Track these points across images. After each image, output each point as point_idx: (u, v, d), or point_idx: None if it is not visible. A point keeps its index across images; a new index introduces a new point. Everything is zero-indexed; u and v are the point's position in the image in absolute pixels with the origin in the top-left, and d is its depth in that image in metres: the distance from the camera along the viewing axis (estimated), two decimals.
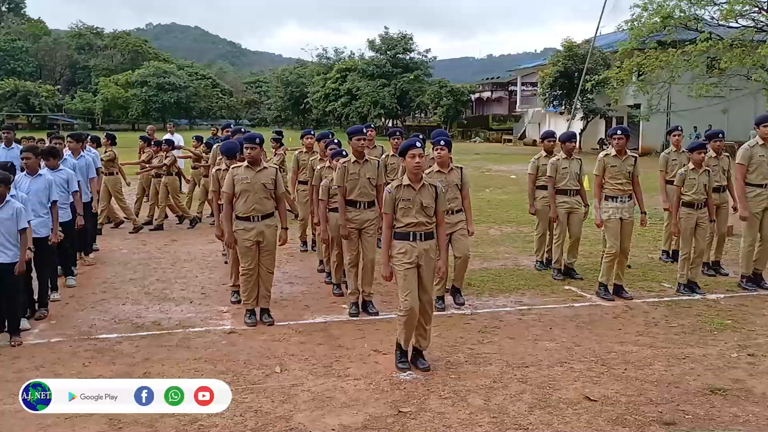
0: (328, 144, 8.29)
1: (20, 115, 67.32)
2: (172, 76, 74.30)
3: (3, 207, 6.07)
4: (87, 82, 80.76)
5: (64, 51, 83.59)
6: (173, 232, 11.97)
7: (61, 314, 7.01)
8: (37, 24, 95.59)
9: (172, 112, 74.02)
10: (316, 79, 70.22)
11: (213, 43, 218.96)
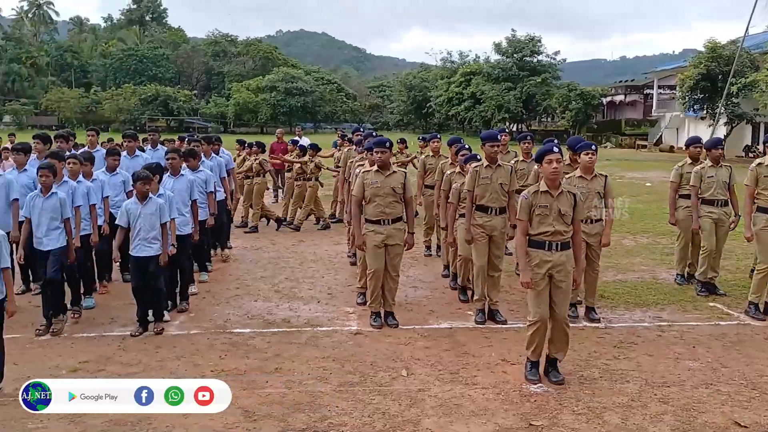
0: (459, 149, 8.29)
1: (160, 118, 72.55)
2: (300, 81, 77.31)
3: (147, 203, 6.56)
4: (221, 87, 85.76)
5: (200, 58, 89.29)
6: (299, 233, 12.41)
7: (198, 308, 7.47)
8: (177, 33, 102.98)
9: (299, 115, 76.97)
10: (440, 83, 70.43)
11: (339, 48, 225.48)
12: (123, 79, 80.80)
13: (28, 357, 5.84)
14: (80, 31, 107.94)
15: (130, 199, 6.63)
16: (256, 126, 76.96)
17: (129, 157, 9.38)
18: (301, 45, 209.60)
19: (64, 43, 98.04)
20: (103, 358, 5.82)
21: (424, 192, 9.93)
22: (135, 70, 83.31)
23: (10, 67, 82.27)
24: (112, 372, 5.51)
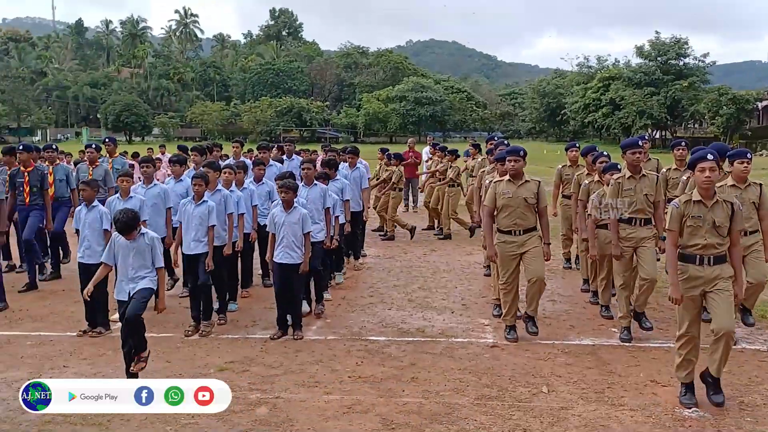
0: (596, 157, 7.99)
1: (293, 129, 75.88)
2: (429, 90, 78.04)
3: (291, 212, 6.85)
4: (351, 98, 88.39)
5: (333, 70, 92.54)
6: (431, 243, 12.47)
7: (334, 314, 7.70)
8: (312, 46, 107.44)
9: (428, 125, 77.70)
10: (576, 89, 68.45)
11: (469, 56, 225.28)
12: (260, 92, 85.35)
13: (180, 356, 6.26)
14: (222, 48, 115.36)
15: (276, 208, 6.96)
16: (386, 135, 78.48)
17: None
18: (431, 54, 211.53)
19: (207, 59, 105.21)
20: (247, 359, 6.14)
21: (560, 202, 9.66)
22: (272, 84, 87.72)
23: (159, 82, 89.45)
24: (255, 373, 5.79)
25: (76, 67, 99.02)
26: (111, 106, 77.80)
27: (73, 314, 7.59)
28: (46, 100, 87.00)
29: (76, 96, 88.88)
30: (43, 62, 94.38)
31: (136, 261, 5.43)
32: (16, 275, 9.48)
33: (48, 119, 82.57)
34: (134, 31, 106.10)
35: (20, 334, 6.94)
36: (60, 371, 5.86)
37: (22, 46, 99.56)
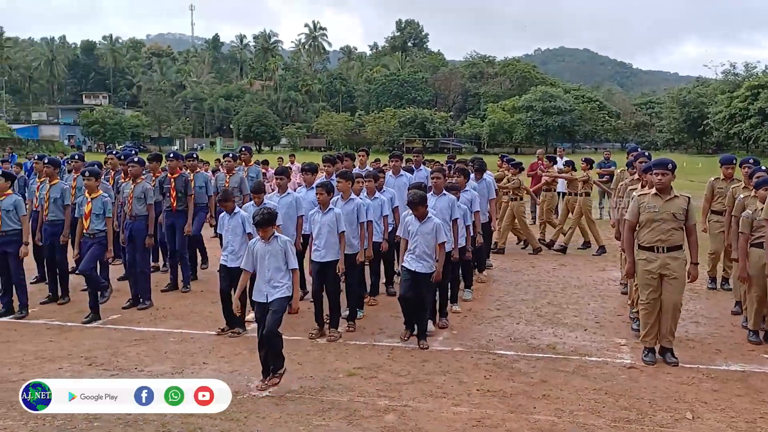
0: (754, 171, 7.51)
1: (416, 139, 76.53)
2: (558, 99, 76.20)
3: (425, 222, 6.93)
4: (476, 108, 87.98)
5: (458, 80, 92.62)
6: (560, 257, 12.17)
7: (461, 326, 7.70)
8: (437, 56, 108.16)
9: (556, 135, 75.85)
10: (720, 98, 64.30)
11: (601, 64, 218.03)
12: (385, 103, 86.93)
13: (310, 359, 6.50)
14: (349, 60, 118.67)
15: (411, 216, 7.08)
16: (510, 146, 77.37)
17: (394, 177, 10.01)
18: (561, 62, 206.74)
19: (334, 71, 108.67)
20: (374, 366, 6.27)
21: (709, 218, 9.13)
22: (396, 94, 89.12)
23: (288, 94, 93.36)
24: (383, 380, 5.90)
25: (212, 80, 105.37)
26: (243, 117, 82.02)
27: (211, 314, 8.08)
28: (184, 112, 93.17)
29: (211, 107, 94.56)
30: (182, 76, 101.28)
31: (272, 263, 5.69)
32: (160, 275, 10.20)
33: (186, 129, 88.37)
34: (266, 45, 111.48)
35: (164, 330, 7.48)
36: (200, 368, 6.25)
37: (163, 61, 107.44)
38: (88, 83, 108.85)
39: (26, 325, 7.63)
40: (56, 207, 8.62)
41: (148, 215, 8.55)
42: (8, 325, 7.64)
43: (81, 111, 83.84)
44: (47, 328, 7.57)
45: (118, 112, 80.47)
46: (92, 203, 7.90)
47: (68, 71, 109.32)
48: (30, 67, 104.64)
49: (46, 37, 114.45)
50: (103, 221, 7.92)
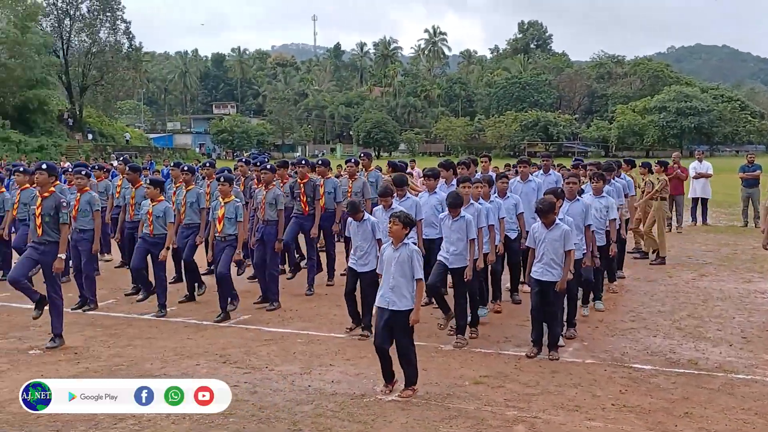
0: None
1: (538, 143, 74.96)
2: (694, 99, 72.17)
3: (553, 229, 6.77)
4: (603, 110, 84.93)
5: (583, 81, 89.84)
6: (700, 266, 11.48)
7: (591, 337, 7.44)
8: (561, 58, 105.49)
9: (691, 137, 71.88)
10: None
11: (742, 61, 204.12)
12: (505, 107, 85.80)
13: (434, 365, 6.51)
14: (468, 64, 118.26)
15: (537, 223, 6.95)
16: (641, 149, 74.10)
17: (522, 183, 9.84)
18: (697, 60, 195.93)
19: (453, 75, 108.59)
20: (501, 375, 6.19)
21: None
22: (517, 97, 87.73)
23: (407, 100, 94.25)
24: (511, 389, 5.81)
25: (333, 88, 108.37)
26: (362, 123, 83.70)
27: (335, 317, 8.29)
28: (306, 119, 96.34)
29: (332, 114, 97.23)
30: (305, 84, 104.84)
31: (397, 270, 5.72)
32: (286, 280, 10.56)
33: (307, 136, 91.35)
34: (386, 52, 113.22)
35: (291, 331, 7.75)
36: (327, 369, 6.42)
37: (287, 70, 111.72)
38: (217, 94, 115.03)
39: (166, 323, 8.15)
40: (192, 211, 9.17)
41: (278, 220, 8.92)
42: (150, 322, 8.19)
43: (211, 120, 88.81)
44: (185, 326, 8.04)
45: (244, 121, 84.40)
46: (225, 207, 8.31)
47: (200, 83, 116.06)
48: (166, 80, 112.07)
49: (180, 51, 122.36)
50: (235, 225, 8.31)
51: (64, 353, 6.88)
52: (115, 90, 66.70)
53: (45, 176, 7.35)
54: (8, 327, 7.90)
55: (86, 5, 62.23)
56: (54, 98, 58.01)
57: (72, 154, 45.40)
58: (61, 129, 57.72)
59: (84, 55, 61.66)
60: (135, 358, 6.73)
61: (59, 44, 60.72)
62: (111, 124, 69.03)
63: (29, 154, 43.10)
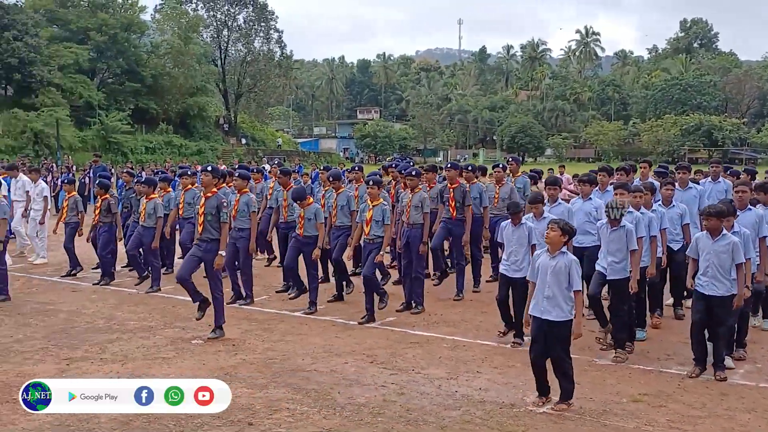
0: None
1: (701, 149, 70.47)
2: None
3: (718, 239, 6.35)
4: None
5: (754, 82, 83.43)
6: None
7: (765, 358, 6.91)
8: (728, 57, 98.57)
9: None
10: None
11: None
12: (663, 110, 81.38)
13: (587, 378, 6.30)
14: (623, 65, 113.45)
15: (702, 233, 6.56)
16: None
17: (681, 190, 9.31)
18: None
19: (606, 77, 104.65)
20: (662, 394, 5.88)
21: None
22: (677, 100, 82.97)
23: (555, 103, 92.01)
24: (674, 410, 5.51)
25: (477, 92, 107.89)
26: (507, 127, 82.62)
27: (481, 324, 8.25)
28: (448, 124, 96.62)
29: (475, 119, 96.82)
30: (448, 89, 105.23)
31: (553, 280, 5.57)
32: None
33: (449, 141, 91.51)
34: (533, 54, 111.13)
35: (437, 336, 7.80)
36: (474, 375, 6.40)
37: (431, 75, 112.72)
38: (362, 99, 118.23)
39: (315, 321, 8.47)
40: (342, 213, 9.47)
41: (423, 224, 9.02)
42: (300, 319, 8.55)
43: (355, 125, 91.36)
44: (333, 324, 8.33)
45: (387, 126, 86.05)
46: (373, 210, 8.51)
47: (345, 88, 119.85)
48: (313, 86, 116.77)
49: (327, 58, 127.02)
50: (382, 228, 8.49)
51: (223, 344, 7.35)
52: (267, 96, 70.62)
53: (209, 178, 7.90)
54: (173, 317, 8.55)
55: (243, 16, 66.39)
56: (212, 105, 62.22)
57: (227, 158, 48.35)
58: (218, 134, 61.83)
59: (239, 64, 65.81)
60: (287, 353, 7.05)
61: (218, 54, 65.17)
62: (262, 129, 72.92)
63: (189, 157, 46.53)
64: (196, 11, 63.42)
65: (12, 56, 44.25)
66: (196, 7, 64.23)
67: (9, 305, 9.05)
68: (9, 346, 7.19)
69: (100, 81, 53.80)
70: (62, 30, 51.83)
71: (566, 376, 5.56)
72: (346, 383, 6.17)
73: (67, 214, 11.02)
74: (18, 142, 41.52)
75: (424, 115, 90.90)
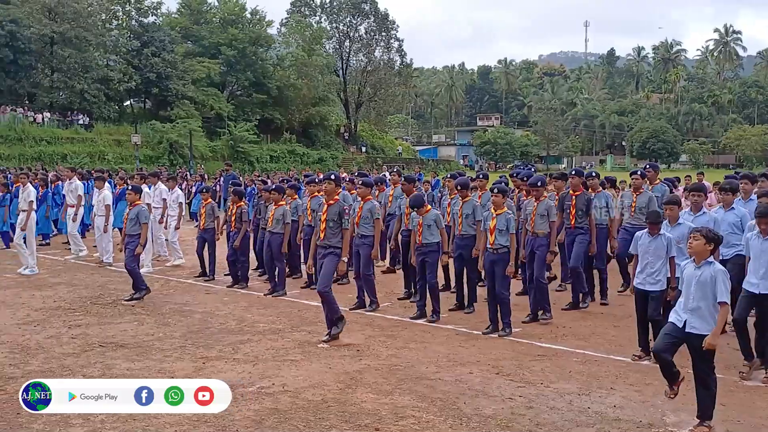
0: None
1: None
2: None
3: None
4: None
5: None
6: None
7: None
8: None
9: None
10: None
11: None
12: None
13: (735, 401, 5.92)
14: (767, 65, 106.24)
15: None
16: None
17: None
18: None
19: (748, 78, 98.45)
20: None
21: None
22: None
23: (690, 107, 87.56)
24: None
25: (604, 96, 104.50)
26: (637, 133, 79.49)
27: (614, 338, 7.96)
28: (573, 130, 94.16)
29: (602, 124, 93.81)
30: (573, 93, 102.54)
31: (698, 291, 5.28)
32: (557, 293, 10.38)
33: (574, 147, 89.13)
34: (667, 56, 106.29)
35: (566, 349, 7.59)
36: (607, 392, 6.17)
37: (555, 80, 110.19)
38: (482, 106, 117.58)
39: (438, 329, 8.48)
40: (467, 223, 9.39)
41: (549, 232, 8.82)
42: (423, 327, 8.58)
43: (474, 132, 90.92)
44: (456, 333, 8.30)
45: (508, 132, 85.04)
46: (497, 219, 8.38)
47: (465, 95, 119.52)
48: (432, 94, 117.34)
49: (447, 65, 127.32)
50: (506, 237, 8.35)
51: (348, 349, 7.49)
52: (387, 105, 71.79)
53: (332, 185, 8.11)
54: (300, 321, 8.83)
55: (364, 27, 67.97)
56: (333, 114, 63.97)
57: (347, 166, 49.55)
58: (338, 142, 63.47)
59: (360, 73, 67.37)
60: (411, 360, 7.10)
61: (339, 64, 66.96)
62: (381, 137, 74.11)
63: (311, 166, 48.02)
64: (320, 23, 65.59)
65: (150, 71, 47.55)
66: (319, 19, 66.48)
67: (150, 305, 9.66)
68: (151, 344, 7.67)
69: (230, 93, 56.72)
70: (196, 46, 55.10)
71: (708, 392, 5.26)
72: (471, 393, 6.12)
73: (206, 220, 11.63)
74: (155, 152, 44.52)
75: (548, 120, 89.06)
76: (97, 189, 13.40)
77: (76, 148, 40.85)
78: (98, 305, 9.63)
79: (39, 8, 44.36)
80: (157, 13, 53.74)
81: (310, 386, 6.22)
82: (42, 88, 44.97)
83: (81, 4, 45.58)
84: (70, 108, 45.37)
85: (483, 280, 9.49)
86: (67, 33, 43.76)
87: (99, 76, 45.51)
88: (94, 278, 11.79)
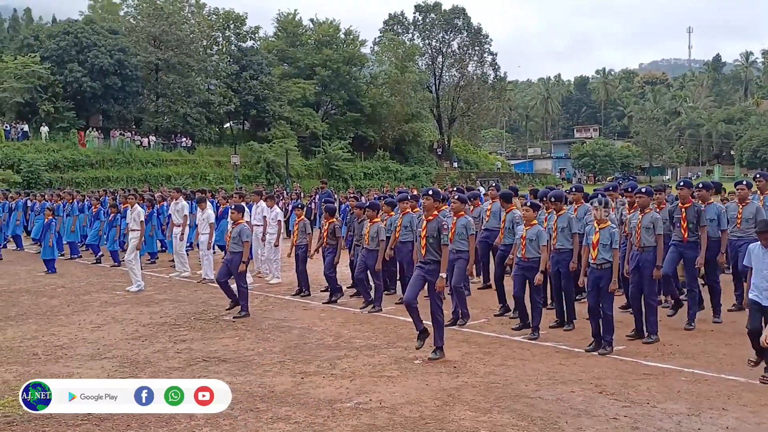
0: None
1: None
2: None
3: None
4: None
5: None
6: None
7: None
8: None
9: None
10: None
11: None
12: None
13: None
14: None
15: None
16: None
17: None
18: None
19: None
20: None
21: None
22: None
23: None
24: None
25: (710, 104, 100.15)
26: (747, 141, 75.67)
27: (724, 356, 7.59)
28: (677, 139, 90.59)
29: (709, 133, 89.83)
30: (677, 102, 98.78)
31: None
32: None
33: (679, 158, 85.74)
34: None
35: (673, 368, 7.28)
36: (719, 413, 5.89)
37: (657, 89, 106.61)
38: (579, 117, 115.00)
39: (537, 346, 8.32)
40: (563, 236, 9.19)
41: (656, 246, 8.50)
42: (522, 344, 8.45)
43: (572, 144, 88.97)
44: (556, 351, 8.12)
45: (608, 144, 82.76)
46: (600, 233, 8.17)
47: (561, 107, 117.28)
48: (527, 107, 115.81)
49: (542, 77, 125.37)
50: (610, 252, 8.10)
51: (445, 366, 7.47)
52: (480, 119, 71.36)
53: (431, 201, 8.13)
54: (396, 337, 8.88)
55: (457, 42, 68.07)
56: (426, 130, 64.24)
57: (440, 181, 49.56)
58: (431, 158, 63.58)
59: (453, 89, 67.44)
60: (510, 378, 7.00)
61: (432, 80, 67.24)
62: (475, 151, 73.72)
63: (404, 182, 48.31)
64: (412, 41, 66.14)
65: (249, 94, 49.35)
66: (412, 36, 67.04)
67: (250, 320, 9.97)
68: (251, 359, 7.92)
69: (324, 112, 58.05)
70: (291, 67, 56.81)
71: None
72: (573, 413, 5.97)
73: (298, 236, 11.92)
74: (253, 171, 46.07)
75: (650, 131, 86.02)
76: (200, 209, 13.95)
77: (179, 169, 42.92)
78: (201, 321, 10.03)
79: (145, 37, 47.08)
80: (255, 37, 55.90)
81: (407, 402, 6.24)
82: (148, 113, 47.57)
83: (184, 32, 48.05)
84: (174, 131, 47.65)
85: (582, 295, 9.26)
86: (171, 60, 46.22)
87: (201, 100, 47.69)
88: (197, 295, 12.28)
